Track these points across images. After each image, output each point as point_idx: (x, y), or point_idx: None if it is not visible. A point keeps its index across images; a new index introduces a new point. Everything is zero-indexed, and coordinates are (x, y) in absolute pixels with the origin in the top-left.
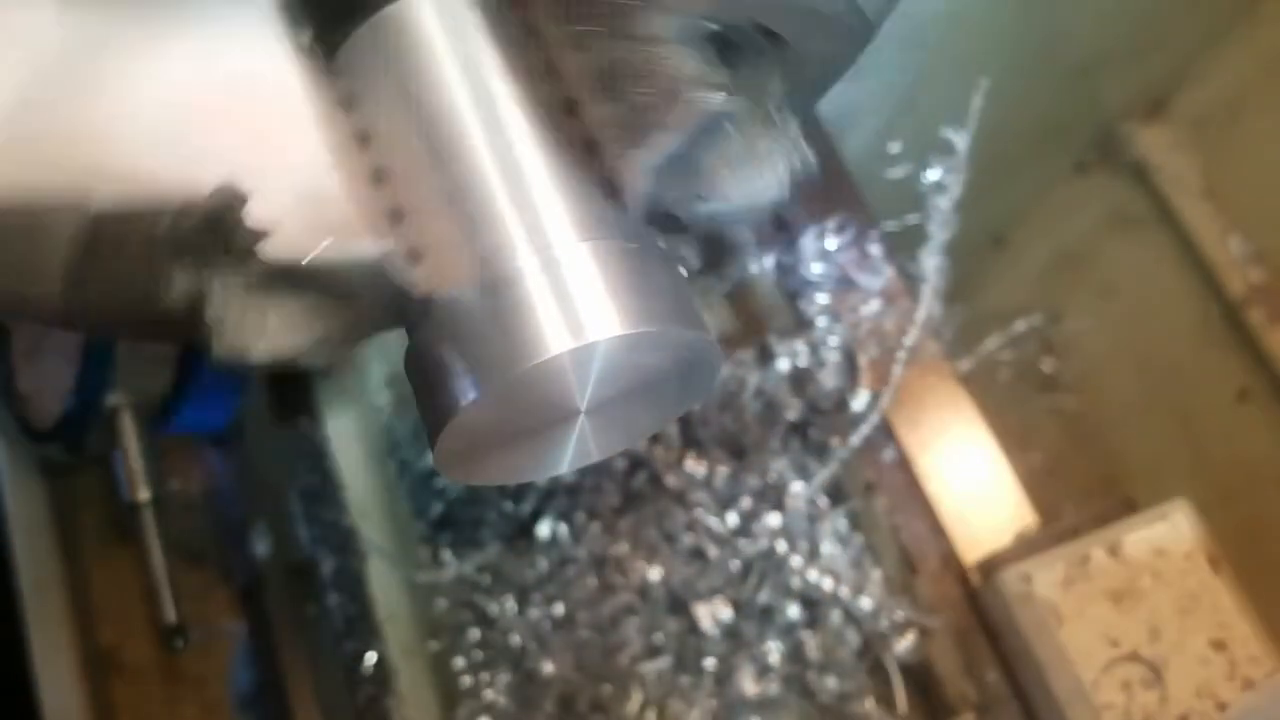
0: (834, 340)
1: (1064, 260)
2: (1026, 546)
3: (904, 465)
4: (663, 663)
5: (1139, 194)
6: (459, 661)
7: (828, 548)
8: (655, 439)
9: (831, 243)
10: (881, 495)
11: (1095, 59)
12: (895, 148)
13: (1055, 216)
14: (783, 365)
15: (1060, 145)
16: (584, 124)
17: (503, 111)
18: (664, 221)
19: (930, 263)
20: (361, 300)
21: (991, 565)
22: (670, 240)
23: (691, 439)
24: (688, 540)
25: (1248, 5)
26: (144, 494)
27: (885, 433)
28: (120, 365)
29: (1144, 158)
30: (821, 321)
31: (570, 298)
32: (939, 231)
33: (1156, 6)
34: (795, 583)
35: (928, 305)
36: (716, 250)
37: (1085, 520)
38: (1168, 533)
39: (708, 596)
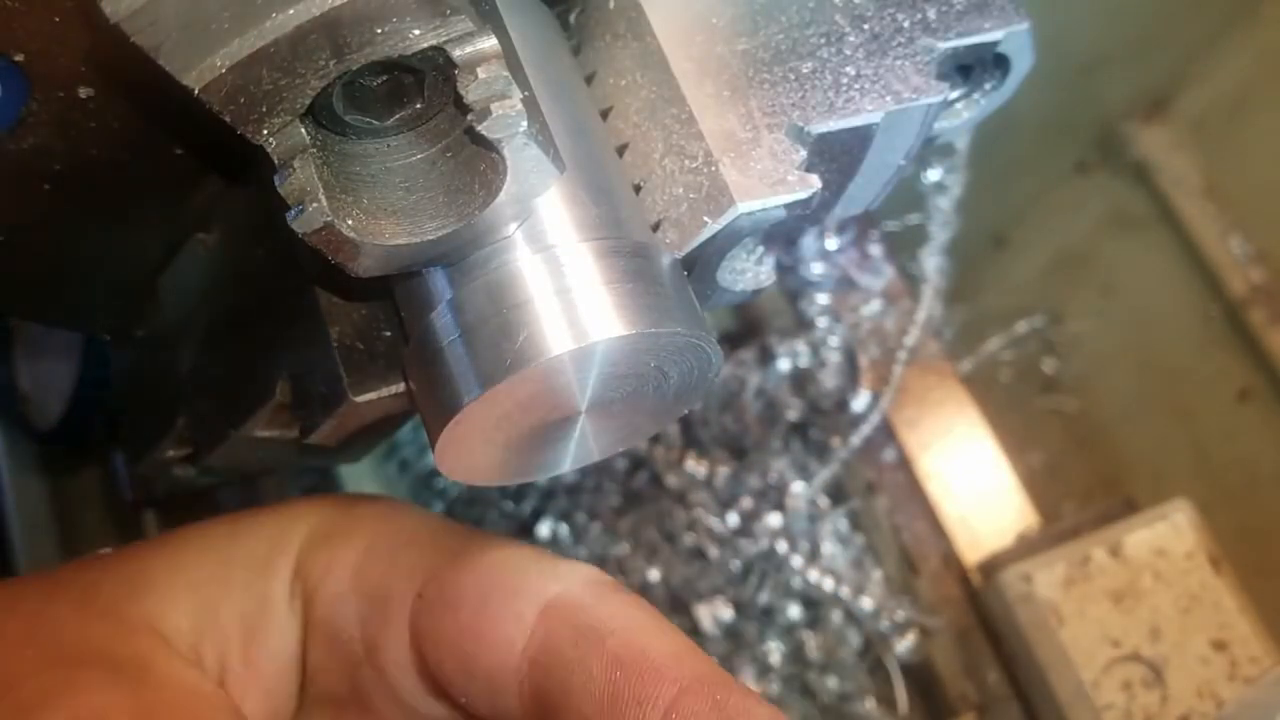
0: (834, 340)
1: (1065, 260)
2: (1027, 547)
3: (905, 465)
4: None
5: (1140, 194)
6: None
7: (828, 548)
8: (656, 439)
9: (832, 243)
10: (882, 495)
11: (1096, 59)
12: None
13: (1056, 216)
14: (783, 365)
15: (1061, 145)
16: (629, 163)
17: None
18: None
19: (931, 263)
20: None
21: (992, 565)
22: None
23: (692, 439)
24: (688, 540)
25: (1248, 6)
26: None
27: (886, 433)
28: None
29: (1145, 158)
30: (822, 322)
31: (571, 298)
32: (939, 231)
33: (1157, 7)
34: (796, 583)
35: (928, 305)
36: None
37: (1086, 520)
38: (1169, 533)
39: (708, 596)
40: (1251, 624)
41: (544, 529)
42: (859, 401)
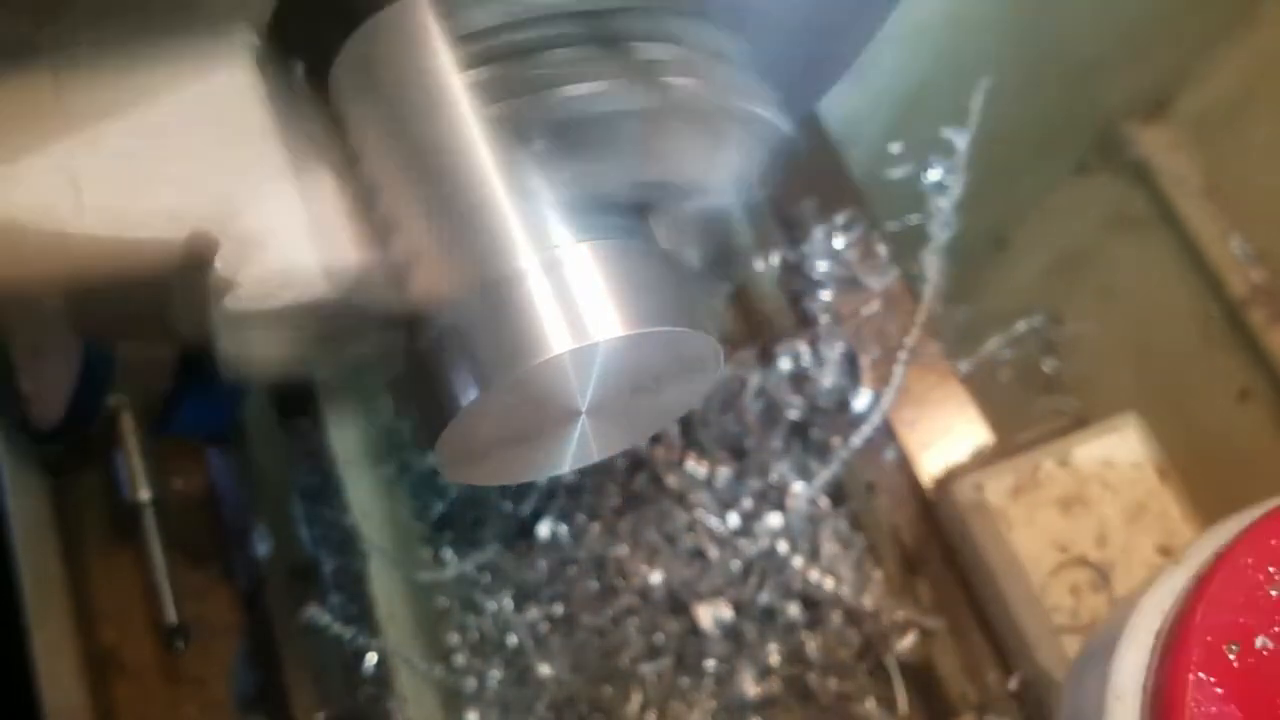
0: (836, 340)
1: (1065, 261)
2: (980, 460)
3: (905, 466)
4: (663, 664)
5: (1140, 194)
6: (460, 661)
7: (829, 548)
8: (656, 439)
9: (839, 241)
10: (882, 495)
11: (1096, 60)
12: (896, 149)
13: (1056, 217)
14: (784, 365)
15: (1061, 146)
16: None
17: None
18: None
19: (931, 262)
20: (360, 311)
21: (947, 479)
22: (673, 239)
23: (692, 439)
24: (688, 541)
25: (1248, 6)
26: (144, 494)
27: (887, 433)
28: (121, 366)
29: (1145, 158)
30: (823, 321)
31: (571, 297)
32: (940, 231)
33: (1158, 7)
34: (796, 584)
35: (929, 305)
36: (719, 250)
37: (1038, 436)
38: (1117, 445)
39: (708, 597)
40: (1196, 531)
41: (544, 529)
42: (860, 401)
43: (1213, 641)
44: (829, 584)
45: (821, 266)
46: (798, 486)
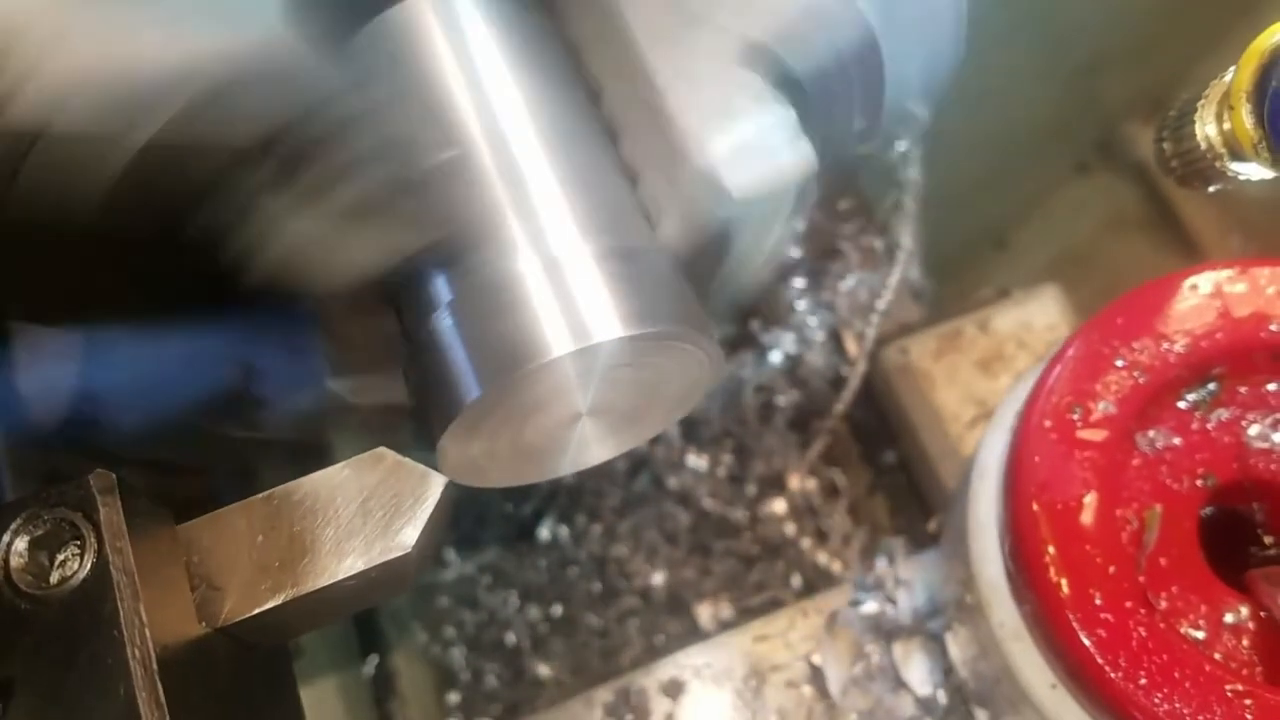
0: (818, 321)
1: (1066, 261)
2: (908, 329)
3: (904, 466)
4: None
5: (1141, 195)
6: (460, 660)
7: (834, 539)
8: (656, 440)
9: (802, 224)
10: (881, 495)
11: (1097, 61)
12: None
13: (1057, 218)
14: (774, 357)
15: (1062, 146)
16: (624, 153)
17: (508, 114)
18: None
19: (905, 229)
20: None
21: (877, 346)
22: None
23: (693, 438)
24: (689, 540)
25: (1248, 6)
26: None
27: (886, 433)
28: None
29: (1146, 158)
30: (802, 304)
31: (573, 299)
32: (910, 200)
33: (1157, 8)
34: (795, 580)
35: (902, 268)
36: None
37: (963, 306)
38: (1034, 308)
39: (709, 596)
40: None
41: (544, 531)
42: (848, 374)
43: (1058, 403)
44: (836, 567)
45: (793, 252)
46: (797, 476)
